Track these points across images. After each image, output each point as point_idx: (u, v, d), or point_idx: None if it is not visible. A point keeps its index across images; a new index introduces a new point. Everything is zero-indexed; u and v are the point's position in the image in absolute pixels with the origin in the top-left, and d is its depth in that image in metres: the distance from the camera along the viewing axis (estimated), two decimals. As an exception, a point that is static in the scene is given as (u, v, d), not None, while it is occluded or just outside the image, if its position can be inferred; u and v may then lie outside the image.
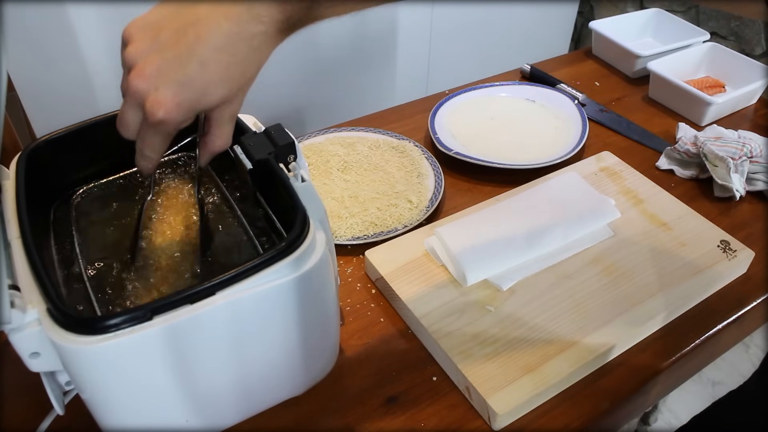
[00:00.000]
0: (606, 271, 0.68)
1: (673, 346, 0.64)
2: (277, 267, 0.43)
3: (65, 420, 0.51)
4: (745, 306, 0.68)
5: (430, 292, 0.65)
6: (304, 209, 0.46)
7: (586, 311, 0.63)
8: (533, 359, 0.59)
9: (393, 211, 0.77)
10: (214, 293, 0.42)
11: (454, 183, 0.84)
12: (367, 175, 0.83)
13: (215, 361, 0.45)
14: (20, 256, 0.44)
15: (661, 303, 0.65)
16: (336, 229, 0.75)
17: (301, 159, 0.52)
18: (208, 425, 0.51)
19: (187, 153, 0.60)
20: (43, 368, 0.43)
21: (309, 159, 0.86)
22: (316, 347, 0.52)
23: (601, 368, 0.61)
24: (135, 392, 0.44)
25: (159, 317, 0.41)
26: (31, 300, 0.41)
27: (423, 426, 0.56)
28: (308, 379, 0.55)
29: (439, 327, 0.61)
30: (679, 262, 0.69)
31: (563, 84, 1.04)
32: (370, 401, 0.58)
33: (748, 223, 0.78)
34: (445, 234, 0.69)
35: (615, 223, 0.74)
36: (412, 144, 0.89)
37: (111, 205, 0.56)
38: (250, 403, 0.53)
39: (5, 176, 0.50)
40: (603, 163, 0.84)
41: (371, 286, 0.70)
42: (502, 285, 0.66)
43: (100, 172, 0.58)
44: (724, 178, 0.80)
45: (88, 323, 0.40)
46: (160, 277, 0.50)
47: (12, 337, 0.40)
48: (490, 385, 0.56)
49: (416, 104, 1.01)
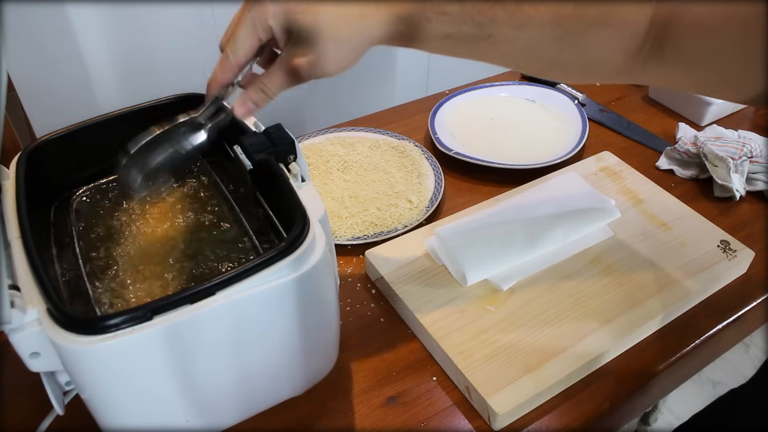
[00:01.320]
0: (606, 271, 0.68)
1: (673, 346, 0.64)
2: (277, 267, 0.43)
3: (65, 420, 0.51)
4: (745, 306, 0.68)
5: (430, 292, 0.65)
6: (304, 209, 0.46)
7: (586, 311, 0.63)
8: (533, 359, 0.59)
9: (393, 211, 0.77)
10: (214, 293, 0.42)
11: (454, 183, 0.84)
12: (367, 175, 0.83)
13: (215, 361, 0.45)
14: (20, 256, 0.44)
15: (660, 303, 0.65)
16: (336, 229, 0.75)
17: (301, 159, 0.52)
18: (208, 425, 0.51)
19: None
20: (43, 368, 0.43)
21: (309, 159, 0.86)
22: (316, 347, 0.52)
23: (601, 368, 0.61)
24: (135, 392, 0.44)
25: (159, 317, 0.40)
26: (31, 300, 0.41)
27: (423, 426, 0.56)
28: (308, 379, 0.55)
29: (439, 327, 0.61)
30: (679, 262, 0.69)
31: (563, 84, 1.04)
32: (370, 401, 0.58)
33: (748, 223, 0.78)
34: (445, 234, 0.69)
35: (615, 223, 0.74)
36: (412, 144, 0.89)
37: (111, 205, 0.56)
38: (250, 403, 0.53)
39: (5, 176, 0.50)
40: (603, 163, 0.84)
41: (371, 286, 0.70)
42: (502, 285, 0.66)
43: (101, 172, 0.58)
44: (724, 178, 0.80)
45: (88, 323, 0.40)
46: (160, 276, 0.50)
47: (12, 337, 0.40)
48: (490, 385, 0.56)
49: (416, 104, 1.01)
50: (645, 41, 0.46)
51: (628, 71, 0.48)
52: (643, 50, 0.46)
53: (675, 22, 0.44)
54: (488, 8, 0.44)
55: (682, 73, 0.48)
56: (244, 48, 0.45)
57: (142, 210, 0.55)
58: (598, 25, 0.45)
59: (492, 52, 0.47)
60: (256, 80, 0.47)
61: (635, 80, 0.50)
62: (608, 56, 0.47)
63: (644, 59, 0.47)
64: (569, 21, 0.45)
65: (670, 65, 0.47)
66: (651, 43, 0.46)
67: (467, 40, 0.45)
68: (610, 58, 0.47)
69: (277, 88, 0.47)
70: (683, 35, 0.45)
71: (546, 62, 0.48)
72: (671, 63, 0.46)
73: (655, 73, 0.48)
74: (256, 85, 0.47)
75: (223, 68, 0.47)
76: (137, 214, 0.55)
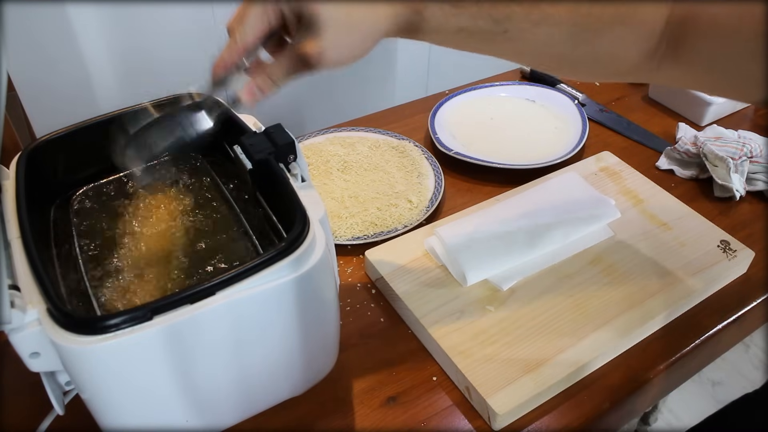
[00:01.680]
0: (606, 271, 0.68)
1: (673, 346, 0.64)
2: (277, 267, 0.43)
3: (65, 420, 0.51)
4: (745, 306, 0.68)
5: (430, 292, 0.65)
6: (304, 209, 0.46)
7: (586, 311, 0.63)
8: (533, 359, 0.59)
9: (393, 211, 0.77)
10: (214, 293, 0.42)
11: (454, 183, 0.84)
12: (367, 175, 0.83)
13: (215, 361, 0.45)
14: (20, 256, 0.44)
15: (661, 303, 0.65)
16: (336, 229, 0.75)
17: (301, 159, 0.52)
18: (208, 425, 0.51)
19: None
20: (43, 368, 0.43)
21: (309, 159, 0.86)
22: (316, 347, 0.52)
23: (601, 368, 0.61)
24: (135, 392, 0.44)
25: (159, 317, 0.40)
26: (31, 300, 0.41)
27: (423, 426, 0.56)
28: (308, 379, 0.55)
29: (439, 327, 0.61)
30: (679, 262, 0.69)
31: (563, 84, 1.04)
32: (370, 401, 0.58)
33: (748, 223, 0.78)
34: (445, 234, 0.69)
35: (615, 223, 0.74)
36: (412, 144, 0.89)
37: (111, 205, 0.56)
38: (250, 403, 0.53)
39: (5, 176, 0.50)
40: (603, 163, 0.84)
41: (371, 286, 0.70)
42: (502, 285, 0.66)
43: (101, 172, 0.58)
44: (724, 178, 0.80)
45: (88, 323, 0.40)
46: (160, 276, 0.50)
47: (12, 337, 0.40)
48: (490, 385, 0.56)
49: (416, 104, 1.01)
50: (660, 41, 0.46)
51: (641, 70, 0.48)
52: (659, 50, 0.46)
53: (691, 22, 0.44)
54: (505, 5, 0.43)
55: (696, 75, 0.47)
56: (253, 31, 0.45)
57: (142, 210, 0.55)
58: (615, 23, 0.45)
59: (505, 48, 0.47)
60: (264, 67, 0.47)
61: (648, 79, 0.50)
62: (622, 55, 0.47)
63: (659, 60, 0.47)
64: (586, 19, 0.44)
65: (687, 67, 0.46)
66: (666, 44, 0.46)
67: (481, 34, 0.45)
68: (624, 57, 0.47)
69: (285, 75, 0.46)
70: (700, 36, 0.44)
71: (558, 59, 0.48)
72: (687, 65, 0.46)
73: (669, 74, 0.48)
74: (263, 72, 0.46)
75: (230, 50, 0.46)
76: (137, 214, 0.55)
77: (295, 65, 0.46)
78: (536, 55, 0.48)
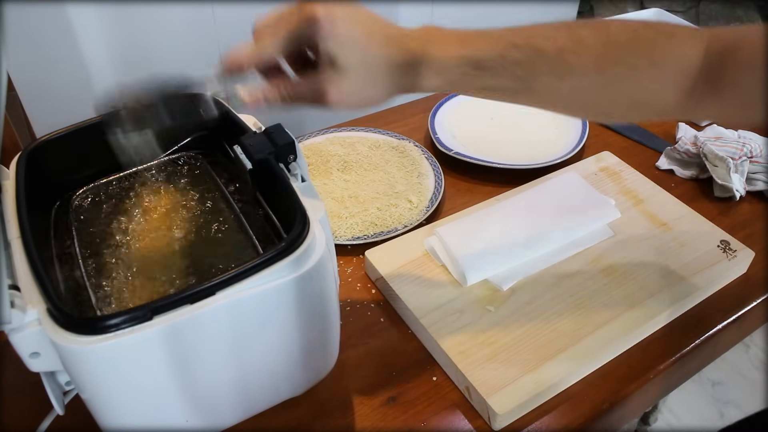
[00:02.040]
0: (606, 271, 0.68)
1: (673, 346, 0.64)
2: (277, 267, 0.43)
3: (65, 420, 0.51)
4: (745, 306, 0.68)
5: (430, 292, 0.65)
6: (304, 209, 0.46)
7: (586, 311, 0.63)
8: (533, 359, 0.59)
9: (393, 211, 0.77)
10: (214, 293, 0.42)
11: (454, 183, 0.84)
12: (367, 175, 0.83)
13: (215, 361, 0.45)
14: (20, 256, 0.44)
15: (661, 303, 0.65)
16: (336, 229, 0.75)
17: (301, 159, 0.52)
18: (208, 425, 0.51)
19: (186, 153, 0.60)
20: (43, 368, 0.43)
21: (309, 159, 0.86)
22: (316, 347, 0.52)
23: (601, 368, 0.61)
24: (135, 392, 0.44)
25: (159, 317, 0.40)
26: (31, 300, 0.41)
27: (423, 426, 0.56)
28: (308, 379, 0.55)
29: (439, 327, 0.61)
30: (679, 262, 0.69)
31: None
32: (370, 401, 0.58)
33: (748, 223, 0.78)
34: (445, 234, 0.69)
35: (615, 223, 0.74)
36: (412, 144, 0.89)
37: (111, 205, 0.56)
38: (250, 403, 0.53)
39: (5, 176, 0.50)
40: (603, 163, 0.84)
41: (371, 286, 0.70)
42: (502, 285, 0.66)
43: (101, 172, 0.58)
44: (724, 178, 0.80)
45: (88, 323, 0.40)
46: (160, 276, 0.50)
47: (12, 337, 0.40)
48: (490, 385, 0.56)
49: (416, 104, 1.01)
50: (698, 77, 0.43)
51: (681, 109, 0.46)
52: (697, 87, 0.44)
53: (732, 53, 0.42)
54: (529, 62, 0.42)
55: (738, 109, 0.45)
56: (277, 49, 0.44)
57: (142, 210, 0.55)
58: (645, 66, 0.43)
59: (532, 101, 0.46)
60: (280, 81, 0.46)
61: (690, 117, 0.48)
62: (659, 96, 0.45)
63: (699, 96, 0.44)
64: (614, 65, 0.42)
65: (730, 102, 0.44)
66: (705, 79, 0.43)
67: (504, 91, 0.44)
68: (661, 98, 0.45)
69: (297, 100, 0.46)
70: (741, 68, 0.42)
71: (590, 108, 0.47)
72: (730, 99, 0.44)
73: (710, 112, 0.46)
74: (277, 86, 0.45)
75: (249, 55, 0.44)
76: (137, 214, 0.55)
77: (311, 96, 0.45)
78: (565, 105, 0.47)
